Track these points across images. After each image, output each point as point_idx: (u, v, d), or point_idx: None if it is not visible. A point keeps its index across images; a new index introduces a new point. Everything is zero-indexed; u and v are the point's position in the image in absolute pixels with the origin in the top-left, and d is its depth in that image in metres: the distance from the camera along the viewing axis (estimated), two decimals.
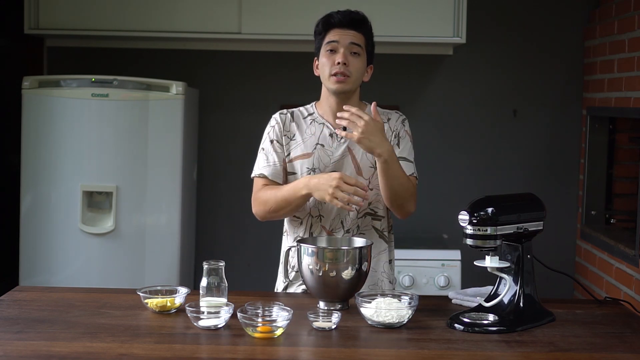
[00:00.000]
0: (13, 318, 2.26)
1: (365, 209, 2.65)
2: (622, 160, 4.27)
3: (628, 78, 3.81)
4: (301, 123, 2.68)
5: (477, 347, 2.08)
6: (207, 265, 2.33)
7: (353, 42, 2.59)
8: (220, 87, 4.54)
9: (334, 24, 2.61)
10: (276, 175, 2.65)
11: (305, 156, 2.64)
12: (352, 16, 2.62)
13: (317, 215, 2.64)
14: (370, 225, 2.66)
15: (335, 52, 2.59)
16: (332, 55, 2.59)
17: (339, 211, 2.62)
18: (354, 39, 2.60)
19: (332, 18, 2.62)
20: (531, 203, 2.39)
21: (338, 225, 2.63)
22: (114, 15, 4.17)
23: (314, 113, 2.70)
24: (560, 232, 4.47)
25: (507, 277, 2.33)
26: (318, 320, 2.20)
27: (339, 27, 2.60)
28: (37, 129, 3.96)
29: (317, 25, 2.66)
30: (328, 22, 2.63)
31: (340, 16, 2.62)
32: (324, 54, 2.62)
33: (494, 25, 4.49)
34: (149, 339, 2.09)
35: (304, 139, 2.66)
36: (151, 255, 3.99)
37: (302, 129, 2.67)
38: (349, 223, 2.64)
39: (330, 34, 2.61)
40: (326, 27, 2.62)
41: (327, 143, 2.64)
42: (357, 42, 2.60)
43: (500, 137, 4.54)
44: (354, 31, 2.61)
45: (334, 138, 2.65)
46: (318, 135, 2.65)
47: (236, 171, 4.54)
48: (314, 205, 2.63)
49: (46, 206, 3.98)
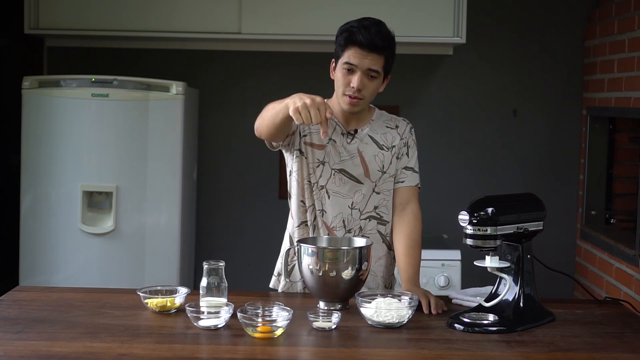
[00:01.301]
0: (13, 318, 2.26)
1: (370, 211, 2.65)
2: (622, 160, 4.27)
3: (628, 78, 3.81)
4: None
5: (477, 347, 2.08)
6: (207, 265, 2.33)
7: (371, 68, 2.51)
8: (220, 87, 4.55)
9: (356, 43, 2.50)
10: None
11: (319, 147, 2.63)
12: (375, 42, 2.49)
13: (320, 209, 2.64)
14: (375, 230, 2.66)
15: (352, 73, 2.51)
16: (348, 75, 2.52)
17: (340, 209, 2.62)
18: (372, 64, 2.50)
19: (355, 37, 2.49)
20: (531, 203, 2.39)
21: (339, 224, 2.63)
22: (114, 15, 4.17)
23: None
24: (560, 232, 4.47)
25: (507, 277, 2.33)
26: (318, 320, 2.20)
27: (360, 48, 2.50)
28: (37, 129, 3.96)
29: (339, 33, 2.54)
30: (350, 39, 2.50)
31: (362, 38, 2.48)
32: (340, 69, 2.54)
33: (494, 25, 4.49)
34: (149, 339, 2.09)
35: (318, 132, 2.62)
36: (151, 255, 3.99)
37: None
38: (351, 223, 2.64)
39: (350, 53, 2.50)
40: (347, 42, 2.51)
41: (339, 141, 2.64)
42: (376, 68, 2.51)
43: (500, 137, 4.54)
44: (376, 54, 2.51)
45: (345, 137, 2.64)
46: (331, 132, 2.64)
47: (236, 171, 4.54)
48: (317, 199, 2.63)
49: (46, 206, 3.98)
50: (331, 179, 2.62)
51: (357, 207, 2.64)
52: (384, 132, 2.67)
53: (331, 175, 2.62)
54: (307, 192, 2.64)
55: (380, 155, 2.64)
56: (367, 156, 2.64)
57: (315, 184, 2.63)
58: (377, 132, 2.67)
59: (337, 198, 2.63)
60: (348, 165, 2.63)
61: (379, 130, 2.67)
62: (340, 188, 2.63)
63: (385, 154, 2.65)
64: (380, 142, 2.65)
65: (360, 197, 2.63)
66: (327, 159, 2.62)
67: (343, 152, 2.63)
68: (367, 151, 2.64)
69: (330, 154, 2.63)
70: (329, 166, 2.62)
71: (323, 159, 2.63)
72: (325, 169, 2.62)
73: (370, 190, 2.64)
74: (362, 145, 2.64)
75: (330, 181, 2.63)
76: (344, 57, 2.53)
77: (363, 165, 2.63)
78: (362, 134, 2.65)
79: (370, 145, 2.65)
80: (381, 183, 2.65)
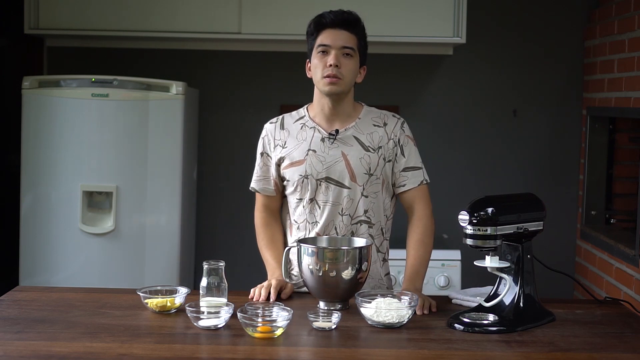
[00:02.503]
0: (13, 318, 2.26)
1: (360, 216, 2.63)
2: (622, 160, 4.27)
3: (628, 78, 3.81)
4: (292, 129, 2.65)
5: (477, 347, 2.08)
6: (207, 265, 2.33)
7: (345, 45, 2.55)
8: (220, 87, 4.54)
9: (326, 25, 2.57)
10: (265, 189, 2.71)
11: (297, 163, 2.61)
12: (345, 17, 2.58)
13: (314, 221, 2.63)
14: (366, 234, 2.64)
15: (327, 54, 2.55)
16: (324, 57, 2.55)
17: (330, 217, 2.60)
18: (346, 41, 2.55)
19: (324, 18, 2.58)
20: (531, 203, 2.40)
21: (332, 232, 2.62)
22: (114, 15, 4.17)
23: (304, 116, 2.67)
24: (560, 232, 4.47)
25: (507, 277, 2.33)
26: (318, 320, 2.20)
27: (330, 28, 2.56)
28: (37, 129, 3.96)
29: (308, 26, 2.62)
30: (320, 23, 2.58)
31: (332, 16, 2.57)
32: (315, 55, 2.58)
33: (494, 25, 4.49)
34: (149, 339, 2.09)
35: (295, 146, 2.63)
36: (151, 255, 3.99)
37: (293, 135, 2.64)
38: (343, 230, 2.62)
39: (322, 35, 2.56)
40: (318, 27, 2.58)
41: (319, 148, 2.61)
42: (350, 45, 2.55)
43: (500, 137, 4.54)
44: (347, 32, 2.56)
45: (325, 142, 2.61)
46: (309, 140, 2.62)
47: (236, 171, 4.54)
48: (309, 212, 2.63)
49: (46, 206, 3.98)
50: (318, 190, 2.60)
51: (347, 212, 2.61)
52: (370, 132, 2.63)
53: (317, 186, 2.60)
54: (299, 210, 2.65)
55: (366, 158, 2.60)
56: (353, 159, 2.59)
57: (303, 200, 2.63)
58: (362, 132, 2.62)
59: (327, 207, 2.61)
60: (332, 172, 2.59)
61: (365, 130, 2.63)
62: (328, 197, 2.60)
63: (372, 155, 2.61)
64: (365, 144, 2.61)
65: (349, 202, 2.60)
66: (310, 170, 2.60)
67: (325, 158, 2.60)
68: (352, 154, 2.60)
69: (312, 165, 2.60)
70: (312, 178, 2.60)
71: (305, 173, 2.60)
72: (311, 182, 2.60)
73: (359, 194, 2.60)
74: (345, 148, 2.60)
75: (318, 192, 2.60)
76: (317, 42, 2.57)
77: (348, 169, 2.59)
78: (345, 135, 2.61)
79: (355, 147, 2.61)
80: (368, 186, 2.61)
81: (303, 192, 2.62)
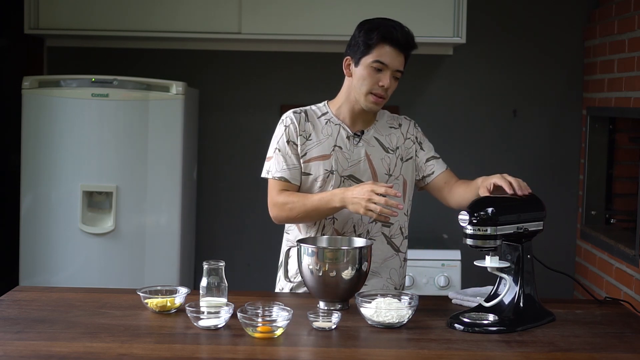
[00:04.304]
0: (13, 318, 2.26)
1: None
2: (622, 160, 4.27)
3: (628, 78, 3.81)
4: (316, 123, 2.63)
5: (477, 347, 2.08)
6: (207, 265, 2.33)
7: (399, 70, 2.54)
8: (220, 87, 4.55)
9: (392, 42, 2.50)
10: (296, 178, 2.60)
11: (323, 157, 2.60)
12: (409, 41, 2.53)
13: (331, 217, 2.61)
14: (379, 232, 2.64)
15: (381, 72, 2.51)
16: (377, 74, 2.51)
17: (350, 214, 2.59)
18: (401, 64, 2.53)
19: (392, 35, 2.50)
20: (531, 203, 2.40)
21: (350, 228, 2.61)
22: (114, 15, 4.18)
23: (327, 113, 2.65)
24: (560, 232, 4.47)
25: (507, 277, 2.33)
26: (318, 320, 2.20)
27: (395, 47, 2.51)
28: (37, 129, 3.96)
29: (370, 31, 2.52)
30: (386, 37, 2.50)
31: (400, 36, 2.50)
32: (367, 67, 2.52)
33: (493, 25, 4.49)
34: (149, 339, 2.09)
35: (320, 140, 2.61)
36: (151, 255, 3.99)
37: (318, 129, 2.62)
38: (361, 227, 2.62)
39: (383, 51, 2.50)
40: (382, 41, 2.50)
41: (345, 145, 2.61)
42: (402, 69, 2.54)
43: (500, 137, 4.54)
44: (404, 55, 2.54)
45: (351, 141, 2.62)
46: (335, 136, 2.61)
47: (236, 171, 4.54)
48: None
49: (46, 206, 3.98)
50: (341, 186, 2.58)
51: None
52: (388, 134, 2.66)
53: (340, 183, 2.59)
54: None
55: (386, 159, 2.63)
56: (375, 160, 2.62)
57: None
58: (382, 133, 2.65)
59: None
60: (356, 171, 2.61)
61: (384, 132, 2.66)
62: None
63: (391, 156, 2.64)
64: (385, 145, 2.64)
65: None
66: (336, 166, 2.59)
67: (351, 156, 2.61)
68: (375, 154, 2.62)
69: (338, 161, 2.59)
70: (337, 174, 2.59)
71: (331, 168, 2.59)
72: (335, 178, 2.59)
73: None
74: (369, 149, 2.62)
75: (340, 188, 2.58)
76: (372, 55, 2.51)
77: (371, 169, 2.61)
78: (368, 136, 2.63)
79: (377, 148, 2.63)
80: None
81: (325, 187, 2.60)
